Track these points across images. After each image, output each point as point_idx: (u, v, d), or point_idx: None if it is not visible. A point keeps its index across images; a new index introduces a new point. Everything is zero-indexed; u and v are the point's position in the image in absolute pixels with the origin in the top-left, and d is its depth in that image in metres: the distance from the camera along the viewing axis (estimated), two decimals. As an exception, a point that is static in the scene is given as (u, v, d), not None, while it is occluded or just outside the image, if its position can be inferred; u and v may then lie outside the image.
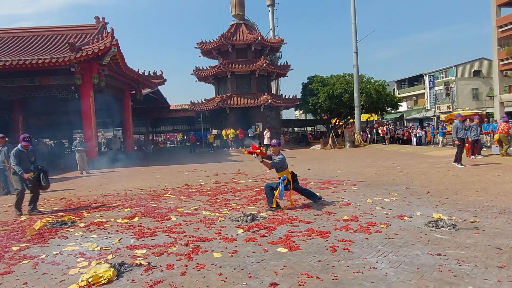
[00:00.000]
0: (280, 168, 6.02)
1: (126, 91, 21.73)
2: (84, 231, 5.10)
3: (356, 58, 23.86)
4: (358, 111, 24.22)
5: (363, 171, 10.61)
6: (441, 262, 3.38)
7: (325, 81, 27.41)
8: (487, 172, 9.07)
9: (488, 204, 5.63)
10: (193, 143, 27.53)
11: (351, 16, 23.68)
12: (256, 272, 3.35)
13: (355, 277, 3.14)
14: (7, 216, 6.50)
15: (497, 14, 29.02)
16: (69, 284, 3.25)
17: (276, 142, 6.25)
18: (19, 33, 19.26)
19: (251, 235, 4.50)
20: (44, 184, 6.51)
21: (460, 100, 41.73)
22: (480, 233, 4.23)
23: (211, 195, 7.53)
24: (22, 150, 6.56)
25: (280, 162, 6.00)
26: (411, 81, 51.07)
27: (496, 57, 29.50)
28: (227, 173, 11.61)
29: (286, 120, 36.34)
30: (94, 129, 16.81)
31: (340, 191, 7.42)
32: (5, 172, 9.15)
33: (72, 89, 16.55)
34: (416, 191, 7.02)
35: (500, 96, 29.48)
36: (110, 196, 8.16)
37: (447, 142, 22.29)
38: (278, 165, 5.99)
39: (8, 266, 3.79)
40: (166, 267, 3.56)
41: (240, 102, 24.98)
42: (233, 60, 25.67)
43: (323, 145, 23.34)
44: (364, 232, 4.42)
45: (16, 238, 4.89)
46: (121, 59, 16.51)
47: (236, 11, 27.11)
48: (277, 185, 5.93)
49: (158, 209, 6.38)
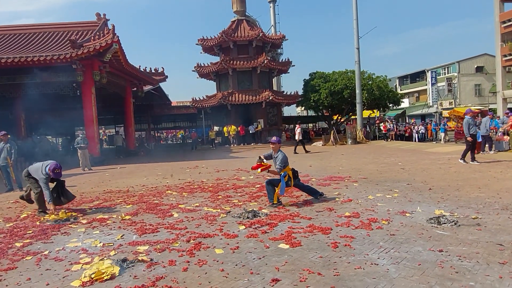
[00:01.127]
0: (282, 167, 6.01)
1: (128, 88, 21.74)
2: (87, 228, 5.13)
3: (358, 54, 23.77)
4: (360, 107, 24.15)
5: (364, 167, 10.60)
6: (443, 259, 3.38)
7: (327, 77, 27.31)
8: (490, 169, 9.04)
9: (490, 201, 5.62)
10: (195, 140, 27.55)
11: (353, 12, 23.55)
12: (257, 268, 3.36)
13: (357, 273, 3.15)
14: (10, 212, 6.53)
15: (500, 9, 28.82)
16: (72, 280, 3.28)
17: (276, 140, 6.18)
18: (20, 30, 19.26)
19: (252, 232, 4.51)
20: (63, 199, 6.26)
21: (462, 96, 41.52)
22: (482, 229, 4.22)
23: (212, 192, 7.54)
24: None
25: (282, 162, 5.97)
26: (413, 77, 50.83)
27: (499, 52, 29.33)
28: (228, 169, 11.62)
29: (288, 117, 36.29)
30: (96, 126, 16.86)
31: (341, 187, 7.42)
32: (7, 169, 9.19)
33: (73, 86, 16.59)
34: (418, 187, 7.02)
35: (503, 92, 29.35)
36: (112, 192, 8.19)
37: (449, 138, 22.24)
38: (282, 167, 5.94)
39: (11, 262, 3.82)
40: (168, 263, 3.57)
41: (241, 99, 24.94)
42: (234, 57, 25.61)
43: (325, 142, 23.31)
44: (365, 229, 4.43)
45: (19, 234, 4.92)
46: (122, 56, 16.51)
47: (237, 7, 26.98)
48: (278, 181, 5.93)
49: (160, 205, 6.40)
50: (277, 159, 6.01)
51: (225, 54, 25.83)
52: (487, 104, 38.13)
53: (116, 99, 21.98)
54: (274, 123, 26.91)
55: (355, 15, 23.49)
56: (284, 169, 5.99)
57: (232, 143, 25.23)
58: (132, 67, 18.97)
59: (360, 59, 23.81)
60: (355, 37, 23.72)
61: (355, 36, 23.70)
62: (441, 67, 44.94)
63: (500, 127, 13.76)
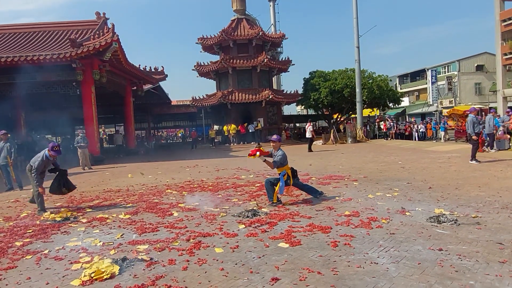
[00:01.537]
0: (280, 164, 6.02)
1: (128, 87, 21.73)
2: (87, 227, 5.13)
3: (358, 53, 23.74)
4: (360, 106, 24.13)
5: (364, 166, 10.60)
6: (443, 257, 3.38)
7: (327, 76, 27.29)
8: (490, 168, 9.04)
9: (490, 200, 5.62)
10: (195, 139, 27.56)
11: (353, 11, 23.51)
12: (257, 267, 3.36)
13: (356, 272, 3.15)
14: (10, 211, 6.53)
15: (501, 7, 28.75)
16: (72, 279, 3.28)
17: (276, 138, 6.20)
18: (20, 29, 19.22)
19: (252, 231, 4.51)
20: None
21: (462, 95, 41.48)
22: (482, 228, 4.22)
23: (212, 191, 7.54)
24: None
25: (281, 159, 5.99)
26: (413, 75, 50.76)
27: (499, 51, 29.28)
28: (228, 168, 11.62)
29: (288, 116, 36.27)
30: (96, 125, 16.85)
31: (341, 186, 7.41)
32: (7, 168, 9.18)
33: (73, 85, 16.56)
34: (418, 186, 7.01)
35: (503, 91, 29.31)
36: (112, 191, 8.19)
37: (449, 137, 22.23)
38: (279, 163, 5.98)
39: (11, 261, 3.82)
40: (168, 262, 3.57)
41: (241, 98, 24.92)
42: (234, 56, 25.58)
43: (325, 141, 23.30)
44: (365, 228, 4.42)
45: (19, 233, 4.92)
46: (122, 54, 16.49)
47: (237, 6, 26.94)
48: (277, 180, 5.93)
49: (160, 204, 6.40)
50: (277, 157, 6.04)
51: (225, 53, 25.80)
52: (487, 103, 38.08)
53: (116, 98, 21.97)
54: (274, 122, 26.90)
55: (355, 14, 23.46)
56: (282, 167, 6.00)
57: (232, 142, 25.23)
58: (132, 66, 18.95)
59: (360, 57, 23.80)
60: (355, 36, 23.69)
61: (355, 35, 23.67)
62: (441, 65, 44.88)
63: (501, 126, 13.75)
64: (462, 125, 21.54)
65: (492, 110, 13.29)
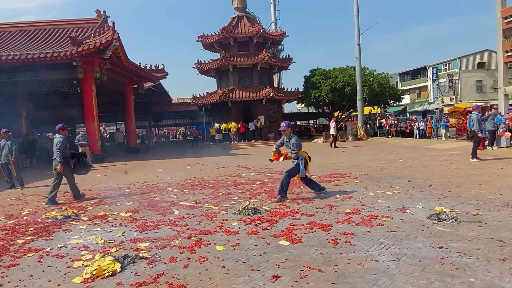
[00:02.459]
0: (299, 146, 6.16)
1: (128, 85, 21.72)
2: (88, 225, 5.14)
3: (359, 51, 23.70)
4: (360, 104, 24.10)
5: (365, 164, 10.60)
6: (443, 255, 3.39)
7: (328, 74, 27.23)
8: (490, 165, 9.03)
9: (491, 197, 5.62)
10: (195, 137, 27.56)
11: (354, 8, 23.46)
12: (258, 265, 3.37)
13: (357, 270, 3.15)
14: (12, 209, 6.55)
15: (502, 5, 28.65)
16: (74, 277, 3.29)
17: (285, 125, 6.13)
18: (20, 28, 19.21)
19: (253, 228, 4.52)
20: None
21: (463, 93, 41.40)
22: (483, 226, 4.23)
23: (213, 189, 7.56)
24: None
25: (298, 142, 6.12)
26: (414, 73, 50.66)
27: (500, 48, 29.20)
28: (229, 166, 11.63)
29: (288, 114, 36.23)
30: (97, 123, 16.86)
31: (342, 184, 7.42)
32: (9, 166, 9.21)
33: (74, 83, 16.57)
34: (419, 184, 7.01)
35: (505, 88, 29.25)
36: (113, 189, 8.21)
37: (450, 135, 22.20)
38: (298, 146, 6.08)
39: (13, 259, 3.84)
40: (169, 260, 3.58)
41: (242, 96, 24.91)
42: (234, 53, 25.55)
43: (325, 139, 23.29)
44: (366, 225, 4.43)
45: (21, 231, 4.94)
46: (122, 52, 16.47)
47: (238, 4, 26.88)
48: (296, 172, 6.09)
49: (160, 202, 6.41)
50: (290, 144, 6.11)
51: (225, 50, 25.77)
52: (489, 100, 38.00)
53: (117, 96, 21.96)
54: (275, 120, 26.89)
55: (356, 11, 23.40)
56: (299, 151, 6.12)
57: (233, 140, 25.24)
58: (133, 64, 18.93)
59: (361, 55, 23.78)
60: (356, 33, 23.64)
61: (356, 32, 23.63)
62: (442, 63, 44.76)
63: (502, 123, 13.73)
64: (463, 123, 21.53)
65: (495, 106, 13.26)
